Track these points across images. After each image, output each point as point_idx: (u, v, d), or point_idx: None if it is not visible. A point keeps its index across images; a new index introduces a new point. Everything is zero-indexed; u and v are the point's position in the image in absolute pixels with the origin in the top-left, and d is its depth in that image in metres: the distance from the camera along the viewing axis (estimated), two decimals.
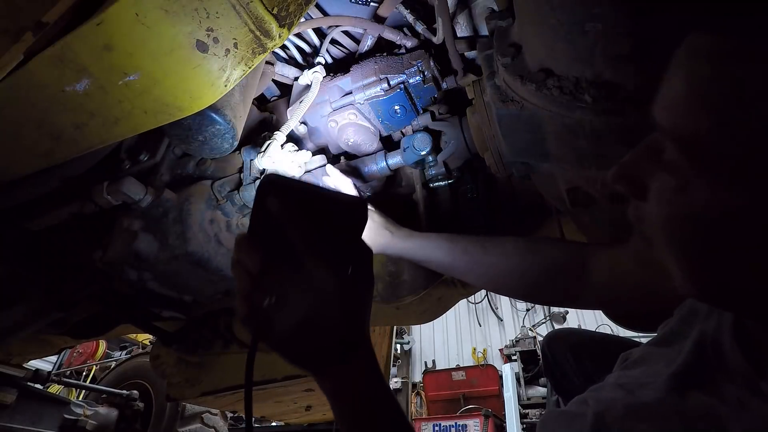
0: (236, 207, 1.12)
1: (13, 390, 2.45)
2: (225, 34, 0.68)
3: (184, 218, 1.02)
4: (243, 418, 6.69)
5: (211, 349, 1.51)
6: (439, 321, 7.47)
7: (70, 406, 2.96)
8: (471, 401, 5.81)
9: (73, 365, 6.13)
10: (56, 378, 3.12)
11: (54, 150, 0.82)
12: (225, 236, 1.09)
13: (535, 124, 0.77)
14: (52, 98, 0.73)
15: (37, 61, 0.68)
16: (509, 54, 0.76)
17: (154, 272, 1.06)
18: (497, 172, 0.98)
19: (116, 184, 1.00)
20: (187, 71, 0.70)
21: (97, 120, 0.76)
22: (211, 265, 1.06)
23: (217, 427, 3.47)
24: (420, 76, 1.03)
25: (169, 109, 0.76)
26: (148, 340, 5.91)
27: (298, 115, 1.05)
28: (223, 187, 1.10)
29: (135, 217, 1.04)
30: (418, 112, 1.09)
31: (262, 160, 1.04)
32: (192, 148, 0.98)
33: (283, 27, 0.70)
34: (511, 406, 5.27)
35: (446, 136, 1.06)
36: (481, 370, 6.20)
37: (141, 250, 1.00)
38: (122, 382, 3.57)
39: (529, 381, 6.08)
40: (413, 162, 1.08)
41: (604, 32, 0.60)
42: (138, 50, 0.68)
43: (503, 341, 7.32)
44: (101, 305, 1.27)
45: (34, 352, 2.20)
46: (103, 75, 0.70)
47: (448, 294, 1.29)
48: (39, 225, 1.11)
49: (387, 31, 1.07)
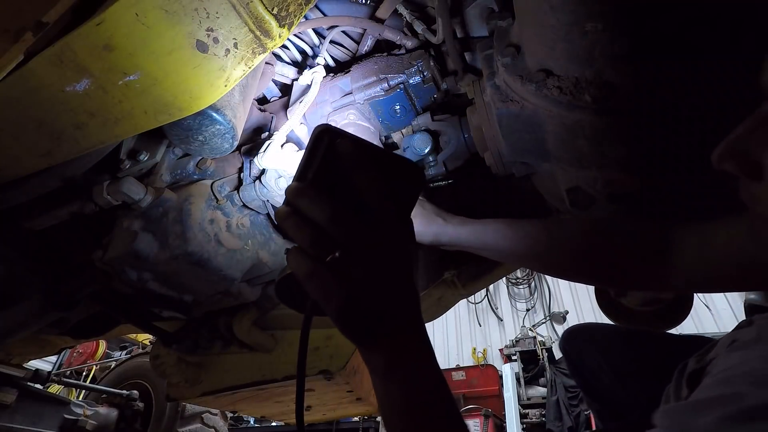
0: (236, 207, 1.12)
1: (13, 390, 2.45)
2: (225, 34, 0.68)
3: (184, 218, 1.02)
4: (243, 418, 6.70)
5: (211, 349, 1.51)
6: (439, 321, 7.47)
7: (70, 406, 2.96)
8: (471, 401, 5.81)
9: (73, 365, 6.13)
10: (56, 378, 3.12)
11: (54, 150, 0.82)
12: (225, 236, 1.09)
13: (535, 124, 0.77)
14: (52, 98, 0.73)
15: (37, 61, 0.68)
16: (509, 54, 0.76)
17: (154, 272, 1.06)
18: (497, 172, 0.98)
19: (116, 184, 1.00)
20: (187, 71, 0.71)
21: (97, 120, 0.76)
22: (211, 265, 1.06)
23: (217, 427, 3.47)
24: (420, 76, 1.03)
25: (169, 109, 0.76)
26: (148, 340, 5.92)
27: (297, 116, 1.05)
28: (223, 187, 1.10)
29: (135, 217, 1.04)
30: (418, 112, 1.09)
31: (261, 160, 1.04)
32: (192, 148, 0.98)
33: (283, 27, 0.70)
34: (511, 406, 5.28)
35: (446, 136, 1.06)
36: (481, 370, 6.21)
37: (141, 250, 1.00)
38: (122, 382, 3.58)
39: (529, 381, 6.09)
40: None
41: (604, 32, 0.60)
42: (138, 50, 0.68)
43: (503, 341, 7.33)
44: (101, 305, 1.27)
45: (34, 352, 2.20)
46: (103, 75, 0.70)
47: (448, 294, 1.29)
48: (39, 225, 1.11)
49: (387, 31, 1.07)
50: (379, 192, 0.45)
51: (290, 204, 0.47)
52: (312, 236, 0.45)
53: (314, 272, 0.45)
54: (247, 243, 1.15)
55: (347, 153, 0.45)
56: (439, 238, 0.87)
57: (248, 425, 6.96)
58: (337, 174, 0.46)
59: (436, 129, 1.07)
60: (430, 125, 1.07)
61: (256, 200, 1.10)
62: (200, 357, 1.59)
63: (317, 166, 0.46)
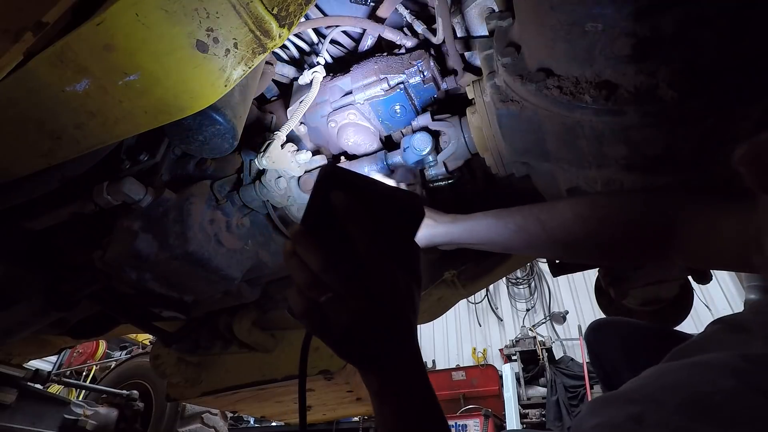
0: (236, 207, 1.12)
1: (13, 390, 2.45)
2: (225, 34, 0.68)
3: (184, 218, 1.02)
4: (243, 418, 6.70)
5: (211, 349, 1.51)
6: (439, 321, 7.47)
7: (70, 406, 2.97)
8: (471, 401, 5.81)
9: (73, 365, 6.14)
10: (56, 378, 3.13)
11: (54, 150, 0.82)
12: (225, 236, 1.09)
13: (535, 124, 0.77)
14: (52, 98, 0.73)
15: (37, 61, 0.68)
16: (509, 54, 0.76)
17: (154, 272, 1.06)
18: (497, 172, 0.98)
19: (116, 184, 1.00)
20: (187, 71, 0.70)
21: (97, 120, 0.76)
22: (211, 265, 1.06)
23: (217, 427, 3.47)
24: (420, 76, 1.02)
25: (169, 109, 0.76)
26: (148, 340, 5.92)
27: (297, 115, 1.05)
28: (223, 187, 1.10)
29: (135, 217, 1.04)
30: (418, 112, 1.09)
31: (261, 160, 1.04)
32: (192, 148, 0.98)
33: (283, 27, 0.70)
34: (511, 406, 5.28)
35: (446, 136, 1.06)
36: (481, 370, 6.21)
37: (141, 250, 1.00)
38: (122, 382, 3.58)
39: (529, 381, 6.09)
40: (413, 162, 1.08)
41: (604, 32, 0.60)
42: (138, 50, 0.68)
43: (503, 341, 7.33)
44: (101, 305, 1.27)
45: (34, 352, 2.20)
46: (103, 75, 0.70)
47: (448, 294, 1.29)
48: (39, 225, 1.11)
49: (387, 31, 1.07)
50: (369, 242, 0.49)
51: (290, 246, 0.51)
52: (308, 278, 0.49)
53: (308, 311, 0.50)
54: (247, 243, 1.15)
55: (339, 206, 0.49)
56: (433, 240, 0.87)
57: (248, 425, 6.96)
58: (332, 222, 0.49)
59: (436, 129, 1.07)
60: (430, 125, 1.07)
61: (256, 200, 1.10)
62: (200, 357, 1.59)
63: (315, 213, 0.50)
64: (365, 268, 0.49)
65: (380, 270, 0.49)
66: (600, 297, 1.51)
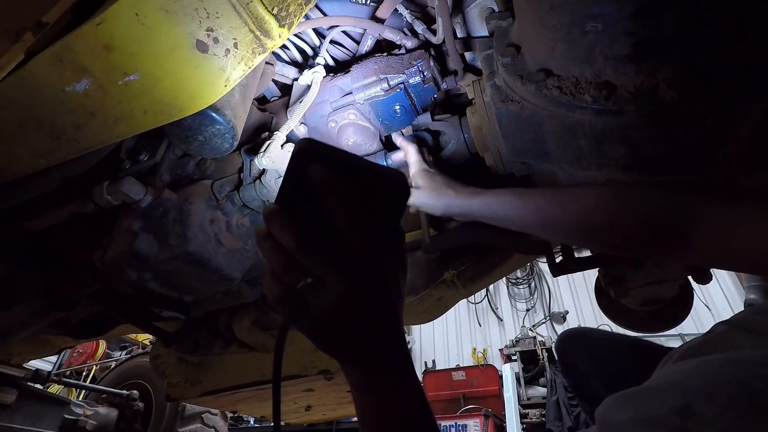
0: (236, 207, 1.12)
1: (13, 390, 2.45)
2: (225, 34, 0.68)
3: (184, 218, 1.02)
4: (243, 418, 6.70)
5: (211, 349, 1.51)
6: (439, 321, 7.47)
7: (70, 406, 2.97)
8: (471, 401, 5.81)
9: (73, 365, 6.14)
10: (56, 378, 3.13)
11: (54, 150, 0.82)
12: (225, 236, 1.09)
13: (535, 124, 0.77)
14: (52, 98, 0.73)
15: (37, 61, 0.68)
16: (509, 54, 0.76)
17: (154, 272, 1.06)
18: (497, 172, 0.98)
19: (116, 184, 1.00)
20: (187, 71, 0.71)
21: (97, 120, 0.76)
22: (211, 265, 1.06)
23: (217, 427, 3.47)
24: (420, 76, 1.03)
25: (169, 109, 0.76)
26: (148, 340, 5.92)
27: (297, 115, 1.05)
28: (223, 187, 1.10)
29: (135, 217, 1.04)
30: (418, 112, 1.09)
31: (262, 160, 1.04)
32: (192, 148, 0.98)
33: (283, 27, 0.70)
34: (511, 406, 5.28)
35: (446, 136, 1.06)
36: (481, 370, 6.21)
37: (141, 250, 1.00)
38: (122, 382, 3.58)
39: (529, 381, 6.09)
40: None
41: (604, 32, 0.60)
42: (138, 50, 0.68)
43: (503, 341, 7.32)
44: (101, 305, 1.27)
45: (34, 352, 2.20)
46: (103, 75, 0.70)
47: (448, 294, 1.29)
48: (39, 225, 1.11)
49: (387, 31, 1.07)
50: (351, 218, 0.44)
51: (263, 227, 0.46)
52: (284, 262, 0.45)
53: (284, 298, 0.45)
54: (247, 243, 1.15)
55: (318, 180, 0.44)
56: (449, 210, 0.87)
57: (248, 425, 6.96)
58: (310, 199, 0.44)
59: (436, 129, 1.07)
60: (430, 125, 1.07)
61: (256, 200, 1.10)
62: (200, 357, 1.59)
63: (292, 190, 0.45)
64: (347, 248, 0.44)
65: (363, 250, 0.44)
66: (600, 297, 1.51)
